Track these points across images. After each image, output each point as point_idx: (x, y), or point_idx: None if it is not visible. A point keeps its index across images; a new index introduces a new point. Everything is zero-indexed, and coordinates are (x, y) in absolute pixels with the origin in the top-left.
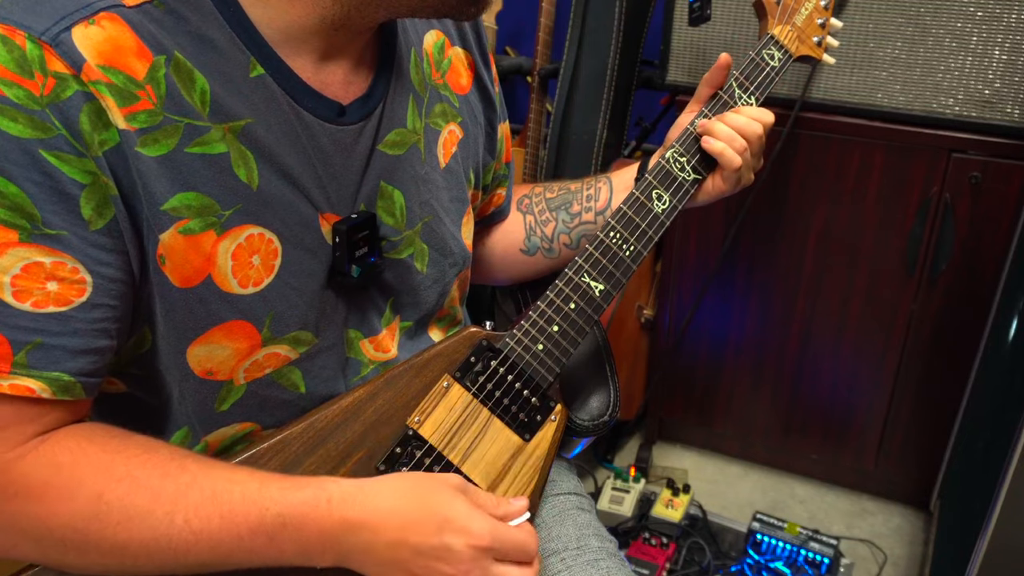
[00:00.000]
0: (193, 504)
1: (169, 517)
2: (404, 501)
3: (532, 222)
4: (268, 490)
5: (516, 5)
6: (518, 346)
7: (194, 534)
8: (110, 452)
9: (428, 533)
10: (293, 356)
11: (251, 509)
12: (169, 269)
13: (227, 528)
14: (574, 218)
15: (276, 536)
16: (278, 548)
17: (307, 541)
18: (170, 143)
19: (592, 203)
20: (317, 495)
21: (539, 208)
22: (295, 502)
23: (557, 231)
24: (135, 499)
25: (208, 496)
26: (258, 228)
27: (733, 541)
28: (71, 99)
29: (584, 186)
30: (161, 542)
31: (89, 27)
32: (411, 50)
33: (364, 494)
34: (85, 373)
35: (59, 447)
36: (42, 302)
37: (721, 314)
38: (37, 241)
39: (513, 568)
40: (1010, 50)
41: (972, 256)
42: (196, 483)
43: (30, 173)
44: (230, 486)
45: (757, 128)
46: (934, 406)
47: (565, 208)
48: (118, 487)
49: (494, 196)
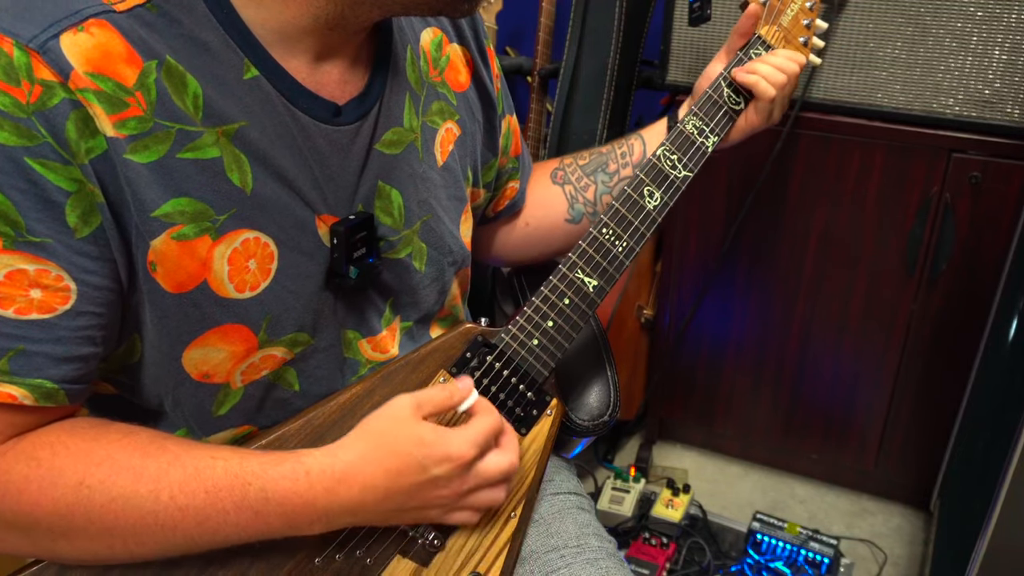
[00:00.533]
0: (177, 481)
1: (154, 495)
2: (378, 453)
3: (572, 191)
4: (249, 464)
5: (516, 5)
6: (513, 341)
7: (180, 510)
8: (89, 440)
9: (414, 473)
10: (289, 357)
11: (234, 483)
12: (161, 275)
13: (212, 503)
14: (612, 177)
15: (261, 511)
16: (264, 522)
17: (293, 514)
18: (161, 149)
19: (628, 159)
20: (295, 469)
21: (575, 176)
22: (275, 476)
23: (599, 193)
24: (117, 480)
25: (191, 473)
26: (253, 232)
27: (733, 541)
28: (57, 107)
29: (616, 146)
30: (148, 519)
31: (78, 34)
32: (407, 48)
33: (340, 460)
34: (68, 380)
35: (38, 442)
36: (25, 309)
37: (721, 314)
38: (21, 248)
39: (492, 457)
40: (1010, 50)
41: (972, 256)
42: (178, 461)
43: (15, 180)
44: (212, 462)
45: (794, 67)
46: (934, 406)
47: (602, 169)
48: (98, 471)
49: (506, 190)
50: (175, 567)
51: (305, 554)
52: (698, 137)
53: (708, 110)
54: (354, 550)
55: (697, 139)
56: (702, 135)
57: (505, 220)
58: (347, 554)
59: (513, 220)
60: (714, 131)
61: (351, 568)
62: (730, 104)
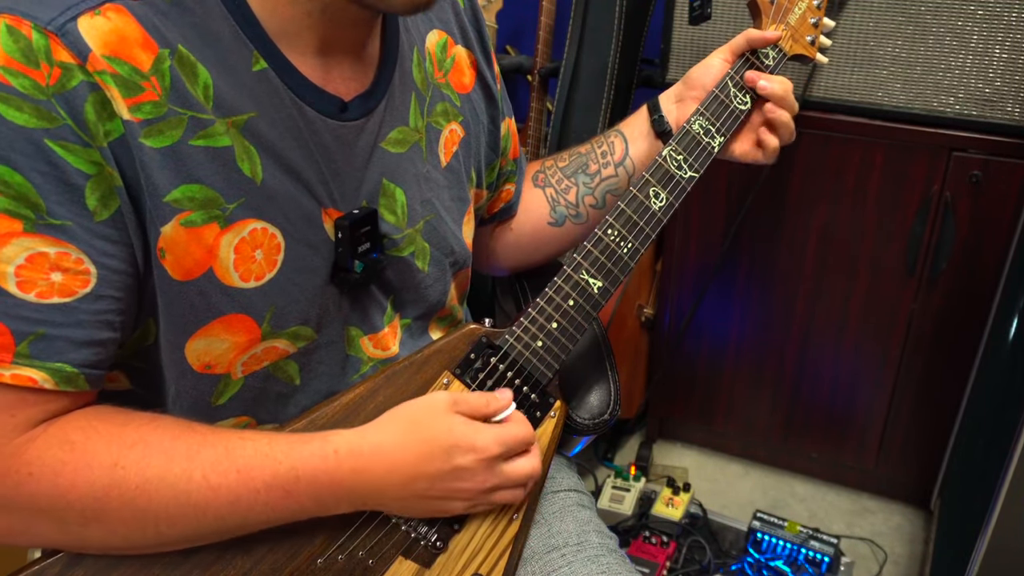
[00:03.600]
0: (209, 460)
1: (187, 474)
2: (407, 438)
3: (553, 193)
4: (278, 444)
5: (517, 4)
6: (517, 343)
7: (212, 490)
8: (119, 425)
9: (439, 460)
10: (291, 350)
11: (265, 463)
12: (169, 263)
13: (244, 482)
14: (593, 177)
15: (292, 489)
16: (296, 501)
17: (321, 493)
18: (174, 135)
19: (609, 158)
20: (324, 447)
21: (556, 178)
22: (304, 455)
23: (580, 195)
24: (151, 461)
25: (222, 452)
26: (261, 223)
27: (733, 540)
28: (77, 89)
29: (595, 145)
30: (181, 499)
31: (95, 17)
32: (413, 49)
33: (368, 442)
34: (88, 364)
35: (69, 426)
36: (46, 292)
37: (722, 313)
38: (42, 231)
39: (519, 460)
40: (1011, 48)
41: (973, 255)
42: (208, 441)
43: (35, 163)
44: (241, 443)
45: None
46: (934, 405)
47: (582, 170)
48: (131, 452)
49: (502, 192)
50: (179, 567)
51: (307, 554)
52: (704, 137)
53: (715, 110)
54: (356, 551)
55: (703, 139)
56: (708, 135)
57: (496, 224)
58: (349, 555)
59: (504, 224)
60: (720, 131)
61: (353, 569)
62: (736, 104)
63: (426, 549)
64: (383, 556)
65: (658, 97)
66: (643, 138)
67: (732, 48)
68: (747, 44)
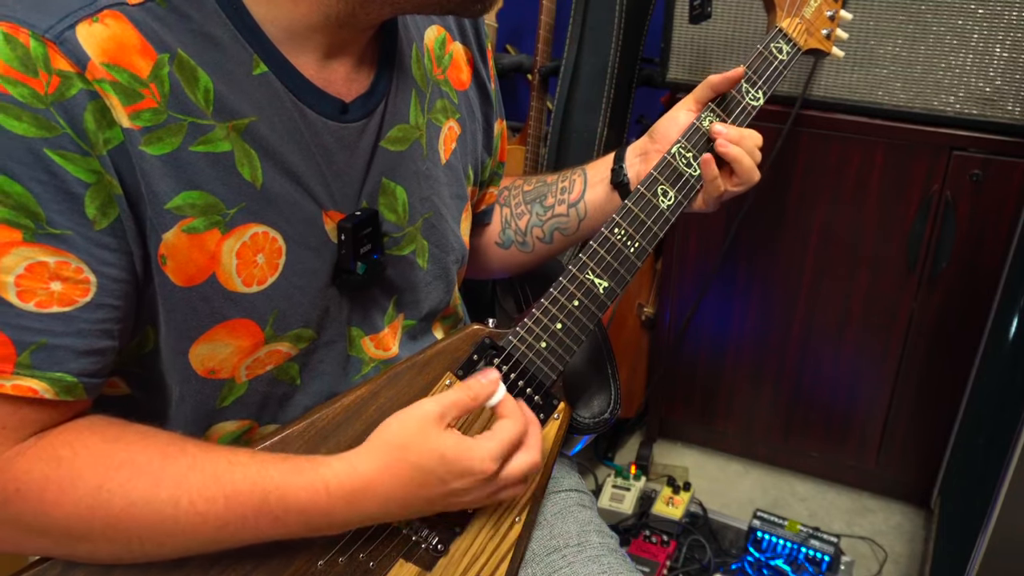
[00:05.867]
0: (196, 486)
1: (174, 499)
2: (399, 467)
3: (508, 215)
4: (268, 472)
5: (517, 3)
6: (521, 344)
7: (200, 515)
8: (109, 441)
9: (434, 486)
10: (293, 352)
11: (254, 490)
12: (171, 269)
13: (232, 509)
14: (547, 211)
15: (281, 517)
16: (285, 526)
17: (312, 522)
18: (174, 141)
19: (566, 195)
20: (314, 481)
21: (515, 201)
22: (295, 487)
23: (530, 225)
24: (137, 484)
25: (211, 477)
26: (262, 227)
27: (734, 539)
28: (75, 97)
29: (560, 179)
30: (167, 524)
31: (93, 25)
32: (412, 45)
33: (357, 473)
34: (88, 374)
35: (58, 441)
36: (46, 302)
37: (722, 312)
38: (41, 241)
39: (518, 457)
40: (1011, 47)
41: (973, 254)
42: (197, 465)
43: (35, 172)
44: (231, 468)
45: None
46: (935, 404)
47: (539, 201)
48: (118, 475)
49: (486, 195)
50: (178, 569)
51: (308, 557)
52: None
53: (725, 107)
54: (357, 554)
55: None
56: None
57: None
58: (350, 558)
59: (479, 231)
60: None
61: (354, 571)
62: (748, 100)
63: (427, 552)
64: (384, 559)
65: (627, 147)
66: (602, 184)
67: (696, 98)
68: (711, 91)
